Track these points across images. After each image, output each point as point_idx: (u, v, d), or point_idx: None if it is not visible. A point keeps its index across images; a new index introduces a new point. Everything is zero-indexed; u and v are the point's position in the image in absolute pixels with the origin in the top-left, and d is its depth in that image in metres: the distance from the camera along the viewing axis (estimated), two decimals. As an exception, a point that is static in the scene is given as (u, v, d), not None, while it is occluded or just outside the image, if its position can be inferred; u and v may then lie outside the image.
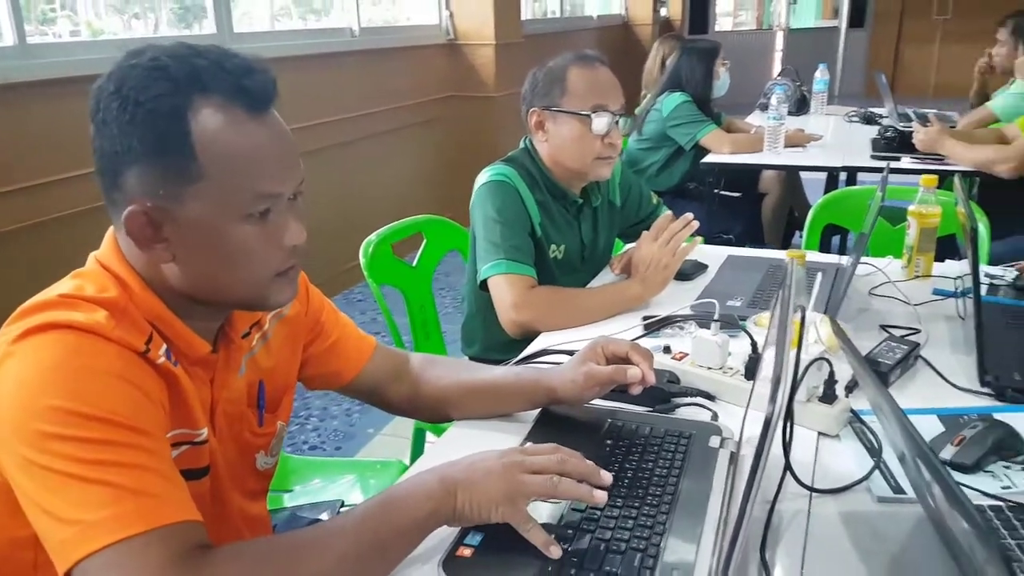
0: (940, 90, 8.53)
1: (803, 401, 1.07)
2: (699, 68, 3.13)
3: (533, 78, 1.59)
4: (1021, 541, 0.83)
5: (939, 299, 1.53)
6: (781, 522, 0.89)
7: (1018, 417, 1.08)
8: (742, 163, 2.98)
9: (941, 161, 2.72)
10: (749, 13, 10.50)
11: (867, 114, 3.59)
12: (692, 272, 1.69)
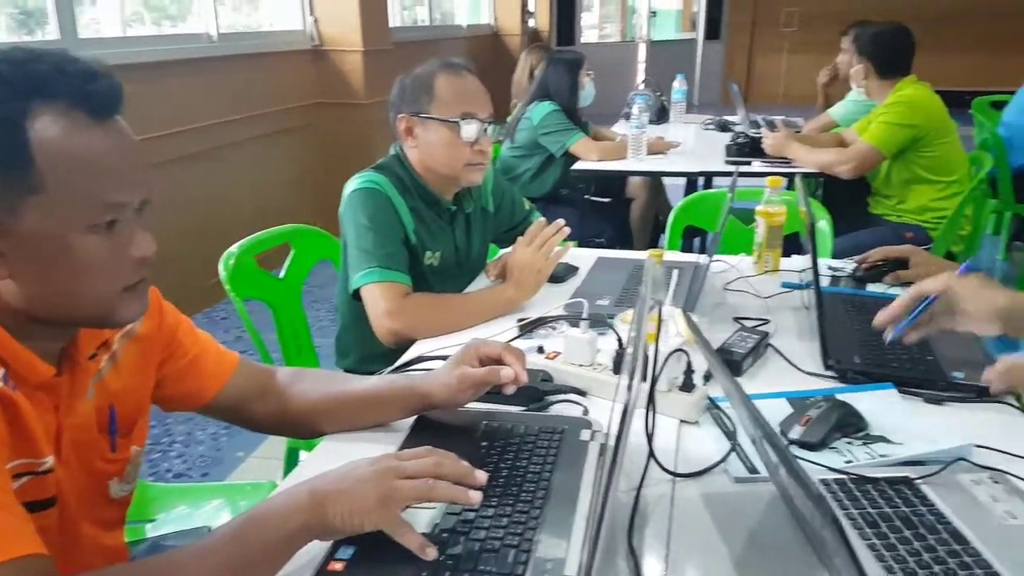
0: (789, 98, 9.19)
1: (664, 391, 1.12)
2: (565, 78, 3.22)
3: (401, 85, 1.59)
4: (863, 510, 0.90)
5: (787, 291, 1.65)
6: (647, 508, 0.93)
7: (858, 396, 1.18)
8: (609, 170, 3.09)
9: (788, 164, 2.94)
10: (613, 26, 10.93)
11: (722, 122, 3.82)
12: (564, 275, 1.74)
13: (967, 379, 1.21)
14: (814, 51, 8.61)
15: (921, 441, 1.04)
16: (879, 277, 1.65)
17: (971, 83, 5.68)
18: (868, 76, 2.88)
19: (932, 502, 0.91)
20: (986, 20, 8.31)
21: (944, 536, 0.84)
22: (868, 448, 1.04)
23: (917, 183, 2.77)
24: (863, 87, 2.94)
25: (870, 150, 2.71)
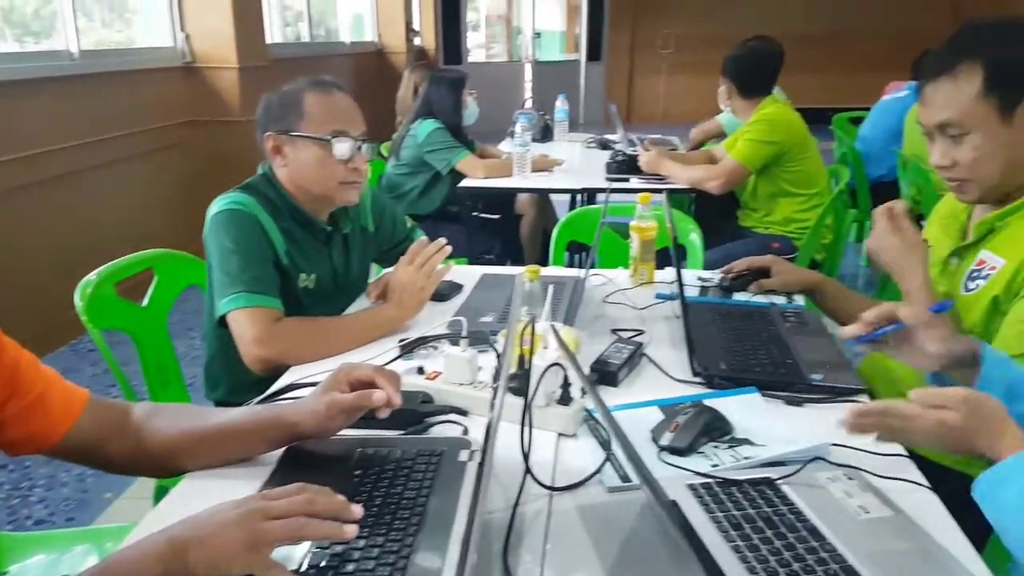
0: (669, 117, 9.61)
1: (542, 406, 1.13)
2: (448, 96, 3.24)
3: (267, 102, 1.55)
4: (728, 512, 0.93)
5: (660, 302, 1.70)
6: (524, 524, 0.93)
7: (725, 401, 1.23)
8: (496, 187, 3.13)
9: (663, 180, 3.05)
10: (500, 46, 11.11)
11: (603, 140, 3.94)
12: (448, 292, 1.73)
13: (825, 381, 1.28)
14: (691, 72, 9.07)
15: (782, 442, 1.09)
16: (744, 286, 1.73)
17: (832, 101, 6.12)
18: (732, 96, 3.05)
19: (792, 501, 0.96)
20: (845, 43, 8.99)
21: (803, 533, 0.89)
22: (733, 451, 1.09)
23: (781, 196, 2.94)
24: (729, 106, 3.10)
25: (737, 166, 2.86)
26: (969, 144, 1.24)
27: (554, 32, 11.06)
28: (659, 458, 1.07)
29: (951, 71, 1.23)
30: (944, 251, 1.39)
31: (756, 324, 1.53)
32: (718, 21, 8.92)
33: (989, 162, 1.24)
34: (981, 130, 1.22)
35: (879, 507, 0.94)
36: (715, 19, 9.04)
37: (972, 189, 1.28)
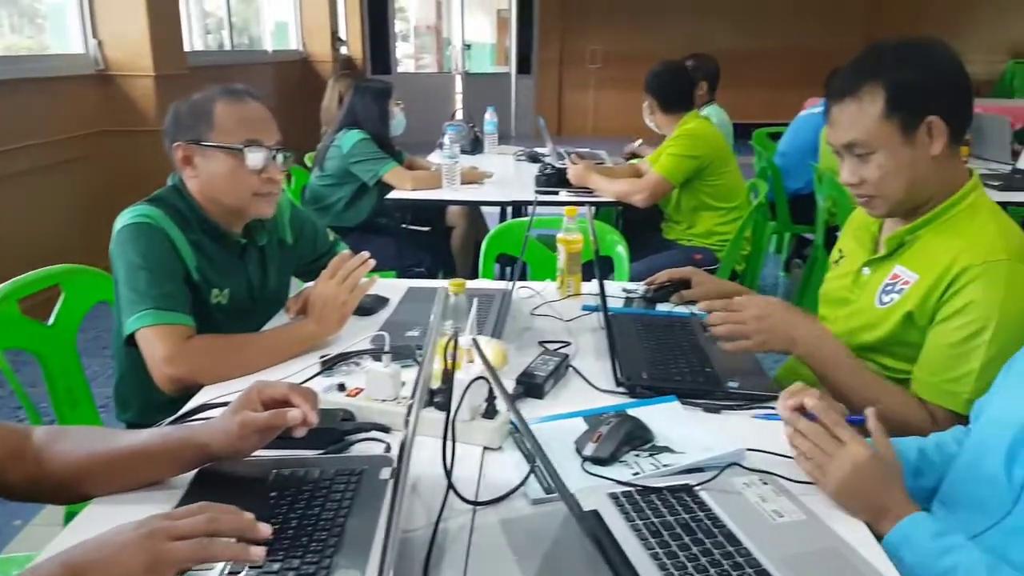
0: (598, 131, 9.76)
1: (467, 420, 1.12)
2: (374, 107, 3.21)
3: (175, 112, 1.49)
4: (647, 520, 0.95)
5: (586, 314, 1.72)
6: (447, 540, 0.92)
7: (646, 410, 1.25)
8: (424, 199, 3.11)
9: (591, 194, 3.10)
10: (431, 57, 11.10)
11: (532, 153, 3.97)
12: (373, 306, 1.71)
13: (741, 388, 1.32)
14: (619, 87, 9.25)
15: (700, 449, 1.11)
16: (667, 297, 1.77)
17: (753, 116, 6.33)
18: (654, 112, 3.12)
19: (709, 507, 0.98)
20: (766, 61, 9.31)
21: (720, 539, 0.91)
22: (654, 459, 1.10)
23: (703, 209, 3.02)
24: (653, 121, 3.17)
25: (660, 180, 2.93)
26: (875, 163, 1.29)
27: (484, 44, 11.12)
28: (583, 468, 1.08)
29: (855, 93, 1.28)
30: (858, 262, 1.45)
31: (677, 334, 1.57)
32: (643, 38, 9.15)
33: (894, 179, 1.29)
34: (885, 149, 1.28)
35: (792, 511, 0.97)
36: (640, 36, 9.27)
37: (880, 205, 1.34)
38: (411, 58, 10.97)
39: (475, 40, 10.63)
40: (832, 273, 1.55)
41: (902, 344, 1.32)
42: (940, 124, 1.25)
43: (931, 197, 1.32)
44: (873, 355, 1.36)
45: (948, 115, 1.25)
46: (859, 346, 1.37)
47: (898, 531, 0.93)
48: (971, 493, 0.99)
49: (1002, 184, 3.40)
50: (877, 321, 1.34)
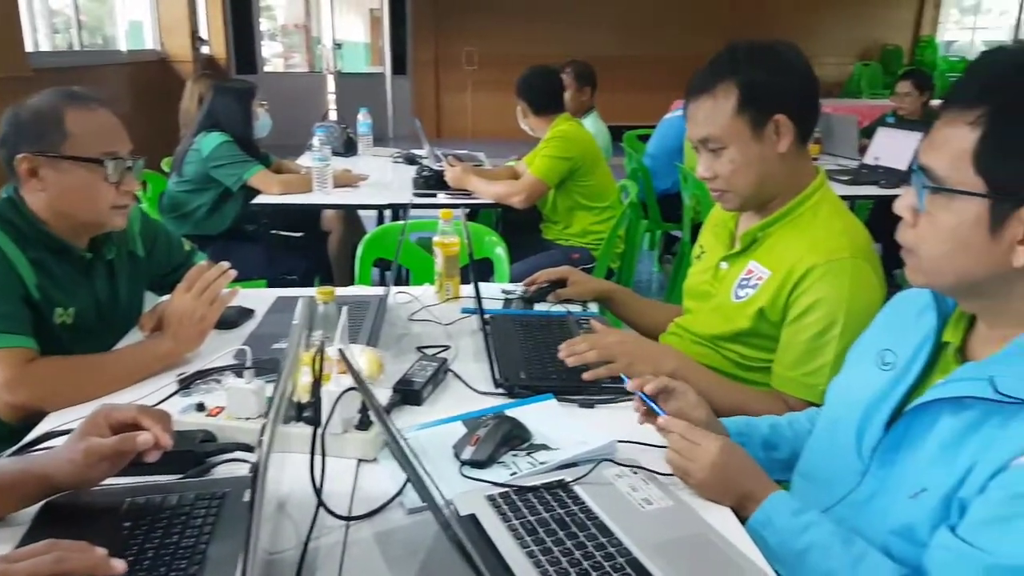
0: (478, 132, 9.78)
1: (339, 433, 1.09)
2: (236, 108, 3.07)
3: (15, 119, 1.36)
4: (524, 519, 0.95)
5: (465, 317, 1.72)
6: (318, 559, 0.89)
7: (524, 409, 1.26)
8: (294, 203, 3.01)
9: (470, 196, 3.10)
10: (301, 56, 10.78)
11: (409, 155, 3.92)
12: (237, 319, 1.63)
13: (614, 383, 1.34)
14: (496, 89, 9.28)
15: (575, 445, 1.13)
16: (544, 297, 1.79)
17: (624, 119, 6.54)
18: (527, 115, 3.15)
19: (583, 500, 0.99)
20: (636, 65, 9.64)
21: (593, 531, 0.92)
22: (531, 457, 1.11)
23: (578, 209, 3.09)
24: (527, 124, 3.21)
25: (536, 182, 2.97)
26: (727, 158, 1.36)
27: (358, 43, 10.91)
28: (461, 473, 1.07)
29: (711, 90, 1.34)
30: (716, 257, 1.52)
31: (554, 333, 1.58)
32: (518, 40, 9.26)
33: (744, 174, 1.36)
34: (736, 145, 1.35)
35: (661, 498, 1.01)
36: (515, 39, 9.37)
37: (732, 199, 1.41)
38: (280, 57, 10.60)
39: (347, 39, 10.40)
40: (695, 268, 1.61)
41: (757, 336, 1.39)
42: (787, 123, 1.33)
43: (779, 193, 1.39)
44: (731, 345, 1.43)
45: (795, 115, 1.33)
46: (718, 336, 1.43)
47: (760, 513, 0.97)
48: (825, 468, 1.05)
49: (850, 179, 3.68)
50: (734, 314, 1.41)
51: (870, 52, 10.69)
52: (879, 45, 10.70)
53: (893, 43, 10.65)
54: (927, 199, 0.84)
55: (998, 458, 0.78)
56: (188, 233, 3.05)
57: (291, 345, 0.83)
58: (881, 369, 0.99)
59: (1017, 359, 0.82)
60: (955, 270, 0.84)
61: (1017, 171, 0.78)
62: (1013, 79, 0.79)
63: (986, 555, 0.76)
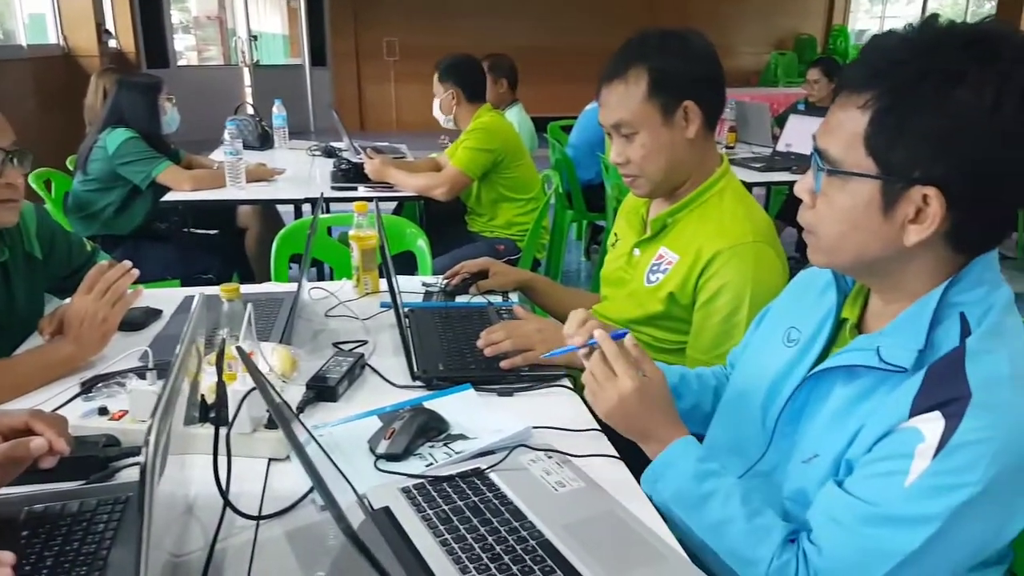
0: (403, 124, 9.68)
1: (248, 432, 1.07)
2: (141, 103, 2.96)
3: None
4: (438, 509, 0.95)
5: (384, 311, 1.70)
6: (226, 560, 0.87)
7: (442, 401, 1.26)
8: (206, 199, 2.92)
9: (391, 188, 3.07)
10: (216, 48, 10.43)
11: (328, 148, 3.85)
12: (143, 320, 1.57)
13: (531, 370, 1.36)
14: (420, 80, 9.19)
15: (491, 433, 1.14)
16: (466, 289, 1.79)
17: (548, 110, 6.58)
18: (459, 103, 3.09)
19: (498, 487, 1.00)
20: (559, 57, 9.70)
21: (506, 516, 0.94)
22: (448, 448, 1.11)
23: (502, 201, 3.09)
24: (452, 115, 3.14)
25: (458, 174, 2.96)
26: (638, 142, 1.39)
27: (276, 35, 10.63)
28: (376, 467, 1.07)
29: (623, 75, 1.37)
30: (629, 244, 1.55)
31: (474, 323, 1.59)
32: (440, 31, 9.19)
33: (654, 159, 1.39)
34: (647, 129, 1.38)
35: (573, 480, 1.03)
36: (436, 29, 9.30)
37: (643, 184, 1.44)
38: (194, 51, 10.23)
39: (264, 31, 10.12)
40: (610, 255, 1.64)
41: (670, 318, 1.43)
42: (695, 109, 1.37)
43: (688, 179, 1.43)
44: (646, 328, 1.46)
45: (703, 101, 1.37)
46: (633, 320, 1.47)
47: (665, 455, 0.99)
48: (733, 438, 1.09)
49: (764, 166, 3.80)
50: (646, 298, 1.45)
51: (785, 42, 11.05)
52: (793, 35, 11.07)
53: (807, 32, 11.04)
54: (823, 181, 0.87)
55: (885, 422, 0.82)
56: (96, 233, 2.93)
57: (182, 344, 0.81)
58: (786, 345, 1.03)
59: (902, 330, 0.86)
60: (852, 249, 0.87)
61: (904, 153, 0.80)
62: (899, 63, 0.80)
63: (865, 505, 0.81)
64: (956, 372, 0.80)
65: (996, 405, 0.77)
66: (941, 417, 0.78)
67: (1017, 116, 0.77)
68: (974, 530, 0.78)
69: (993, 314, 0.83)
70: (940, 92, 0.77)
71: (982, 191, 0.80)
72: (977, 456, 0.76)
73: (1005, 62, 0.77)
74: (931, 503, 0.77)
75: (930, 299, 0.85)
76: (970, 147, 0.78)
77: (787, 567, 0.86)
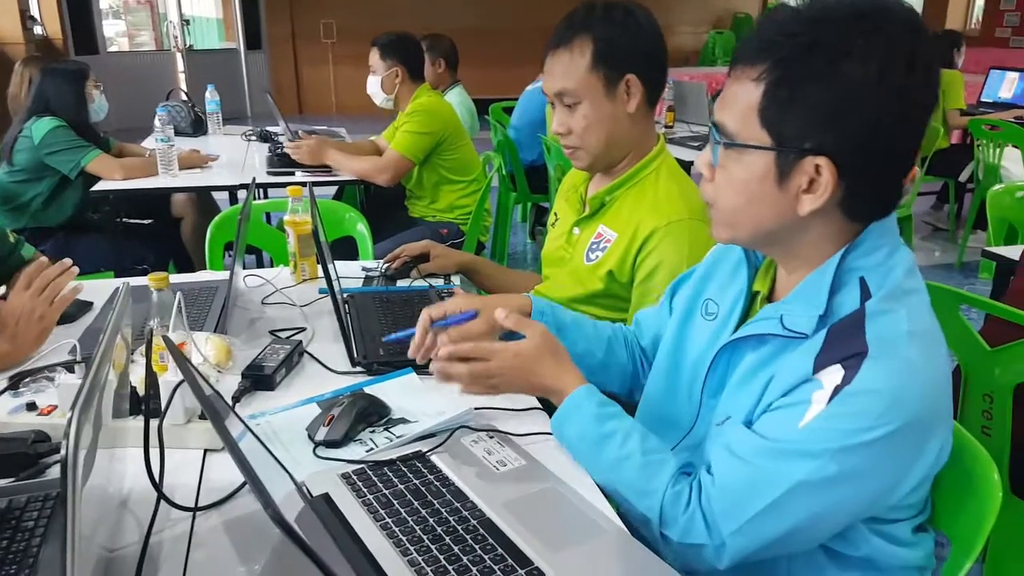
0: (342, 108, 9.50)
1: (182, 423, 1.05)
2: (67, 91, 2.85)
3: None
4: (379, 493, 0.95)
5: (323, 297, 1.68)
6: (161, 554, 0.86)
7: (383, 386, 1.26)
8: (139, 188, 2.83)
9: (331, 172, 3.02)
10: (148, 34, 10.07)
11: (264, 132, 3.76)
12: (74, 313, 1.52)
13: (472, 352, 1.37)
14: (358, 63, 9.02)
15: (433, 415, 1.14)
16: (407, 273, 1.78)
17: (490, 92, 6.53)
18: (403, 81, 3.02)
19: (439, 469, 1.01)
20: (500, 38, 9.65)
21: (448, 498, 0.94)
22: (388, 432, 1.11)
23: (444, 184, 3.07)
24: (393, 94, 3.06)
25: (400, 158, 2.92)
26: (580, 113, 1.39)
27: (210, 19, 10.30)
28: (315, 454, 1.06)
29: (568, 44, 1.37)
30: (569, 222, 1.56)
31: (415, 307, 1.58)
32: (377, 13, 9.01)
33: (595, 131, 1.40)
34: (589, 100, 1.38)
35: (514, 459, 1.04)
36: (374, 11, 9.11)
37: (583, 156, 1.45)
38: (125, 36, 9.86)
39: (197, 15, 9.80)
40: (550, 235, 1.65)
41: (609, 296, 1.45)
42: (637, 83, 1.37)
43: (626, 155, 1.45)
44: (586, 307, 1.48)
45: (645, 76, 1.38)
46: (574, 299, 1.48)
47: (568, 401, 1.02)
48: (664, 413, 1.11)
49: (701, 145, 3.86)
50: (586, 277, 1.46)
51: (723, 20, 11.18)
52: (731, 13, 11.21)
53: (744, 11, 11.19)
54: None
55: (789, 379, 0.86)
56: (26, 226, 2.82)
57: (104, 335, 0.79)
58: (705, 319, 1.06)
59: (802, 298, 0.89)
60: (750, 221, 0.90)
61: (796, 124, 0.82)
62: (790, 36, 0.81)
63: (761, 439, 0.85)
64: (856, 331, 0.82)
65: (892, 358, 0.80)
66: (840, 369, 0.81)
67: (902, 87, 0.79)
68: (864, 477, 0.81)
69: (893, 277, 0.85)
70: (829, 64, 0.79)
71: (871, 160, 0.82)
72: (869, 404, 0.79)
73: (891, 34, 0.79)
74: (819, 441, 0.80)
75: (828, 266, 0.87)
76: (858, 118, 0.80)
77: (680, 495, 0.90)
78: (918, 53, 0.80)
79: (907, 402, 0.80)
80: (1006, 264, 2.06)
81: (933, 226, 5.06)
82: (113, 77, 7.75)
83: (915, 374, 0.81)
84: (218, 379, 1.25)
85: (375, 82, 3.06)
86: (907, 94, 0.80)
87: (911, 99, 0.81)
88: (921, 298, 0.87)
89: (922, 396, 0.81)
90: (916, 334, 0.83)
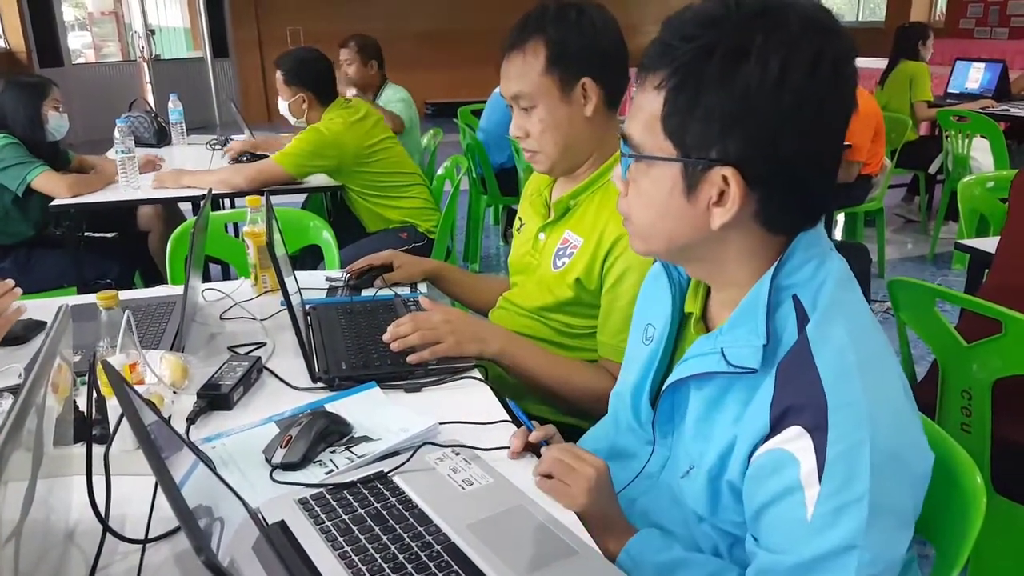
0: (312, 115, 9.39)
1: (131, 449, 1.00)
2: (23, 107, 2.77)
3: None
4: (337, 519, 0.91)
5: (285, 309, 1.63)
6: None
7: (345, 402, 1.21)
8: (99, 201, 2.75)
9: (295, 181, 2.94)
10: (115, 44, 9.89)
11: (227, 141, 3.68)
12: (23, 334, 1.46)
13: (439, 363, 1.32)
14: (327, 69, 8.94)
15: (396, 432, 1.10)
16: (371, 282, 1.73)
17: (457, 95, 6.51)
18: (312, 106, 2.88)
19: (403, 490, 0.97)
20: (467, 40, 9.59)
21: (411, 522, 0.90)
22: (350, 452, 1.07)
23: (378, 195, 2.91)
24: (302, 118, 2.92)
25: (273, 166, 2.77)
26: (536, 116, 1.35)
27: (177, 28, 10.15)
28: (271, 478, 1.01)
29: (522, 47, 1.33)
30: (535, 228, 1.52)
31: (379, 318, 1.53)
32: (343, 17, 8.89)
33: (552, 135, 1.36)
34: (545, 103, 1.34)
35: (481, 477, 1.00)
36: (340, 16, 9.00)
37: (542, 160, 1.41)
38: (91, 48, 9.67)
39: (164, 24, 9.66)
40: (516, 241, 1.61)
41: (579, 304, 1.41)
42: (594, 86, 1.33)
43: (587, 159, 1.41)
44: (555, 315, 1.44)
45: (601, 78, 1.33)
46: (543, 308, 1.45)
47: (629, 549, 0.92)
48: (620, 444, 1.05)
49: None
50: (554, 284, 1.42)
51: (690, 19, 11.19)
52: (697, 11, 11.22)
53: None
54: (631, 168, 0.83)
55: (750, 435, 0.78)
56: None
57: (39, 359, 0.74)
58: (644, 343, 1.00)
59: (741, 325, 0.82)
60: (663, 236, 0.84)
61: (698, 133, 0.76)
62: (688, 39, 0.75)
63: (784, 556, 0.76)
64: (805, 370, 0.75)
65: (852, 402, 0.74)
66: (805, 433, 0.74)
67: (803, 89, 0.73)
68: (887, 527, 0.74)
69: (826, 290, 0.79)
70: (726, 67, 0.73)
71: (779, 169, 0.76)
72: (856, 460, 0.72)
73: (792, 32, 0.73)
74: (840, 526, 0.72)
75: (760, 287, 0.81)
76: (758, 124, 0.74)
77: None
78: (824, 52, 0.74)
79: (881, 445, 0.73)
80: (979, 256, 2.05)
81: (905, 218, 5.09)
82: (79, 89, 7.61)
83: (877, 410, 0.74)
84: (173, 400, 1.20)
85: (284, 105, 2.96)
86: (811, 97, 0.74)
87: (816, 102, 0.74)
88: (857, 308, 0.81)
89: (893, 423, 0.75)
90: (864, 363, 0.76)
